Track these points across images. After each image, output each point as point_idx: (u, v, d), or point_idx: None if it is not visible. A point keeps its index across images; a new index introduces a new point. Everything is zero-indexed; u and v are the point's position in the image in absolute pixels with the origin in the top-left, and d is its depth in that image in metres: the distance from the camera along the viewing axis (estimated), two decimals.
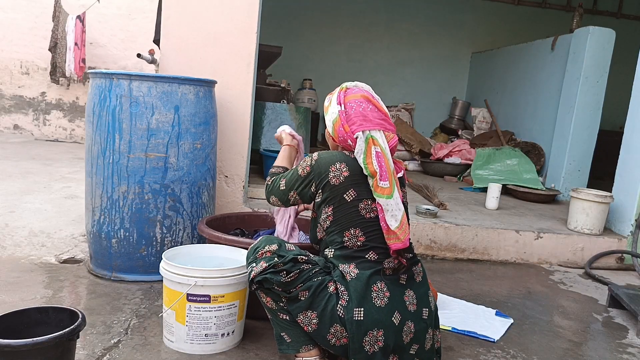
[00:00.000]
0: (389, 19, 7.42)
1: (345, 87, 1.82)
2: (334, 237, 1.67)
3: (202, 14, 2.93)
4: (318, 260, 1.67)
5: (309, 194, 1.73)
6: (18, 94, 7.29)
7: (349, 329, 1.54)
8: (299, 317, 1.59)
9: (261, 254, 1.65)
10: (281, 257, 1.61)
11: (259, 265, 1.61)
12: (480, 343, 2.13)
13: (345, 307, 1.55)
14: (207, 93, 2.51)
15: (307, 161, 1.74)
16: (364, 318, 1.54)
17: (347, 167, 1.67)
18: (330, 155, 1.71)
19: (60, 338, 1.38)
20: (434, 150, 6.06)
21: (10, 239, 2.82)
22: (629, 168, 3.57)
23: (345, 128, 1.70)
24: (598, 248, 3.45)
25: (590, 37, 4.64)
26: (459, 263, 3.28)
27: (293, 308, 1.59)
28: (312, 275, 1.60)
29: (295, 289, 1.58)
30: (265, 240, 1.71)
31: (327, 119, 1.80)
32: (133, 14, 7.34)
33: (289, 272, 1.58)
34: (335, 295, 1.58)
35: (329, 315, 1.56)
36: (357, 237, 1.63)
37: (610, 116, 5.85)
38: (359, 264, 1.61)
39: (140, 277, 2.41)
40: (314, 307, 1.57)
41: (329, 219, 1.68)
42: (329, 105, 1.81)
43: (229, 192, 3.10)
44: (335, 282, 1.60)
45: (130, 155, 2.32)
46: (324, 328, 1.57)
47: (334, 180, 1.66)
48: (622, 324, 2.51)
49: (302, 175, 1.73)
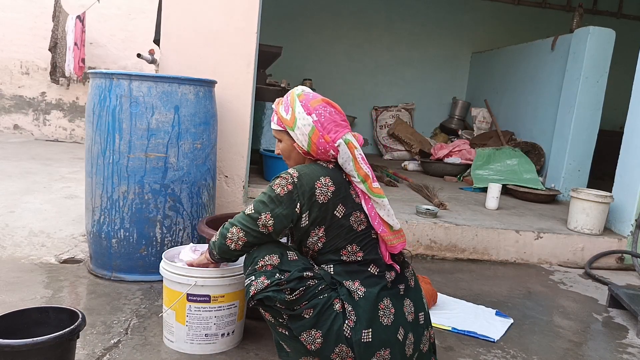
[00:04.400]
0: (389, 19, 7.43)
1: (300, 93, 1.65)
2: (328, 256, 1.56)
3: (202, 14, 2.93)
4: (324, 275, 1.54)
5: (289, 217, 1.52)
6: (18, 94, 7.28)
7: (356, 351, 1.47)
8: (302, 336, 1.48)
9: (261, 266, 1.51)
10: (283, 272, 1.49)
11: (259, 281, 1.48)
12: (480, 343, 2.13)
13: (353, 328, 1.47)
14: (207, 93, 2.51)
15: (284, 179, 1.53)
16: (372, 339, 1.48)
17: (331, 181, 1.55)
18: (310, 170, 1.56)
19: (60, 338, 1.38)
20: (434, 150, 6.06)
21: (10, 239, 2.82)
22: (629, 168, 3.57)
23: (326, 138, 1.57)
24: (598, 248, 3.45)
25: (590, 37, 4.64)
26: (459, 263, 3.28)
27: (296, 326, 1.48)
28: (318, 292, 1.49)
29: (299, 306, 1.47)
30: (266, 249, 1.55)
31: (297, 134, 1.60)
32: (133, 14, 7.34)
33: (293, 290, 1.46)
34: (342, 315, 1.49)
35: (335, 335, 1.47)
36: (355, 253, 1.55)
37: (610, 116, 5.85)
38: (364, 280, 1.54)
39: (140, 277, 2.41)
40: (318, 326, 1.47)
41: (320, 241, 1.55)
42: (292, 117, 1.60)
43: (229, 192, 3.10)
44: (341, 300, 1.50)
45: (130, 155, 2.32)
46: (328, 348, 1.48)
47: (321, 198, 1.52)
48: (622, 324, 2.51)
49: (282, 195, 1.51)
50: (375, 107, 7.42)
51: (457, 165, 5.65)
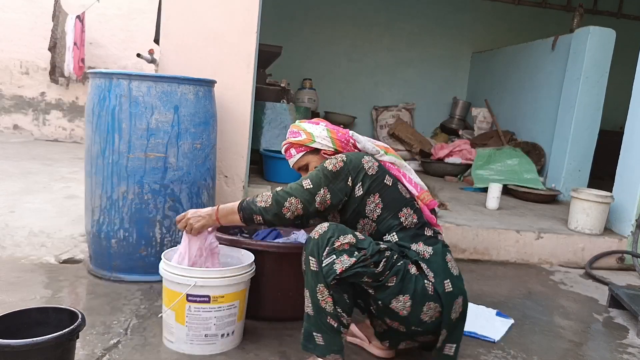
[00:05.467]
0: (389, 19, 7.42)
1: (297, 122, 1.93)
2: (389, 222, 1.70)
3: (202, 14, 2.93)
4: (392, 246, 1.66)
5: (344, 190, 1.69)
6: (18, 94, 7.28)
7: (444, 302, 1.62)
8: (392, 304, 1.61)
9: (339, 245, 1.57)
10: (360, 250, 1.57)
11: (343, 259, 1.55)
12: (480, 343, 2.13)
13: (434, 282, 1.63)
14: (206, 93, 2.50)
15: (336, 158, 1.72)
16: (453, 288, 1.65)
17: (373, 158, 1.75)
18: (356, 153, 1.76)
19: (60, 338, 1.38)
20: (434, 150, 6.06)
21: (10, 239, 2.82)
22: (629, 168, 3.57)
23: (341, 131, 1.85)
24: (598, 248, 3.44)
25: (590, 37, 4.64)
26: (459, 263, 3.22)
27: (384, 296, 1.60)
28: (395, 260, 1.62)
29: (384, 276, 1.59)
30: (335, 228, 1.61)
31: (319, 141, 1.83)
32: (133, 14, 7.34)
33: (377, 263, 1.58)
34: (420, 275, 1.63)
35: (421, 294, 1.60)
36: (411, 215, 1.72)
37: (610, 116, 5.84)
38: (425, 241, 1.71)
39: (140, 278, 2.41)
40: (405, 290, 1.60)
41: (378, 206, 1.70)
42: (308, 134, 1.84)
43: (228, 192, 3.10)
44: (415, 263, 1.65)
45: (129, 155, 2.31)
46: (417, 309, 1.61)
47: (370, 171, 1.70)
48: (622, 324, 2.51)
49: (335, 170, 1.69)
50: (375, 107, 7.42)
51: (458, 165, 5.65)
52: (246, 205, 1.74)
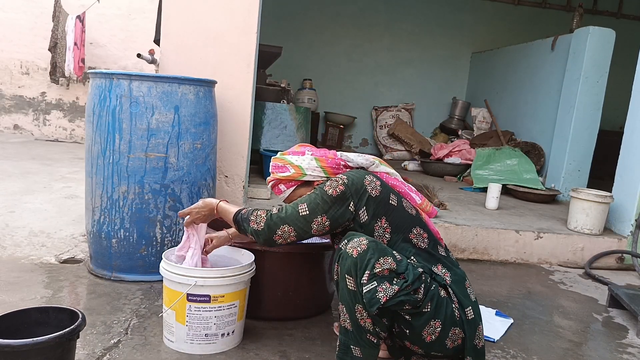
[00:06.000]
0: (389, 19, 7.43)
1: (278, 155, 1.83)
2: (401, 245, 1.60)
3: (202, 14, 2.93)
4: (423, 267, 1.59)
5: (345, 216, 1.58)
6: (18, 94, 7.29)
7: (467, 329, 1.57)
8: (424, 330, 1.52)
9: (380, 270, 1.47)
10: (398, 275, 1.48)
11: (386, 288, 1.45)
12: None
13: (459, 308, 1.58)
14: (207, 93, 2.51)
15: (336, 181, 1.60)
16: (474, 315, 1.60)
17: (374, 177, 1.66)
18: (355, 172, 1.66)
19: (60, 338, 1.38)
20: (434, 150, 6.06)
21: (10, 239, 2.82)
22: (629, 168, 3.57)
23: (328, 156, 1.75)
24: (598, 248, 3.45)
25: (590, 37, 4.64)
26: (459, 263, 3.27)
27: (420, 322, 1.52)
28: (429, 284, 1.54)
29: (422, 302, 1.51)
30: (375, 247, 1.49)
31: (309, 173, 1.73)
32: (133, 14, 7.34)
33: (416, 290, 1.49)
34: (449, 299, 1.57)
35: (450, 319, 1.55)
36: (421, 234, 1.64)
37: (610, 116, 5.85)
38: (444, 264, 1.65)
39: (140, 277, 2.41)
40: (437, 315, 1.53)
41: (387, 231, 1.60)
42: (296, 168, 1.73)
43: (229, 192, 3.10)
44: (443, 287, 1.59)
45: (130, 155, 2.32)
46: (444, 334, 1.54)
47: (374, 192, 1.60)
48: (622, 324, 2.51)
49: (335, 195, 1.57)
50: (375, 107, 7.42)
51: (457, 165, 5.65)
52: (240, 220, 1.69)
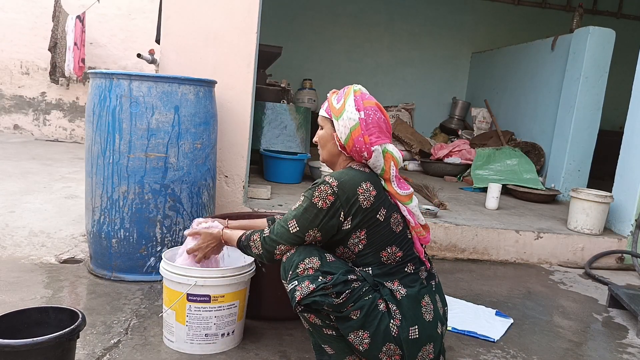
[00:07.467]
0: (389, 19, 7.43)
1: (358, 90, 1.66)
2: (369, 258, 1.58)
3: (202, 14, 2.93)
4: (366, 277, 1.55)
5: (336, 226, 1.55)
6: (18, 94, 7.29)
7: (405, 349, 1.51)
8: (350, 337, 1.50)
9: (302, 270, 1.51)
10: (325, 275, 1.49)
11: (304, 286, 1.48)
12: (480, 343, 2.13)
13: (399, 326, 1.51)
14: (207, 93, 2.51)
15: (324, 190, 1.54)
16: (419, 335, 1.52)
17: (372, 185, 1.58)
18: (350, 177, 1.56)
19: (60, 338, 1.38)
20: (434, 150, 6.06)
21: (10, 239, 2.82)
22: (629, 168, 3.57)
23: (365, 139, 1.58)
24: (598, 248, 3.45)
25: (590, 37, 4.64)
26: (459, 263, 3.28)
27: (344, 327, 1.50)
28: (363, 294, 1.50)
29: (346, 309, 1.48)
30: (304, 252, 1.55)
31: (340, 125, 1.61)
32: (133, 14, 7.35)
33: (339, 293, 1.46)
34: (387, 314, 1.52)
35: (382, 334, 1.50)
36: (395, 253, 1.58)
37: (610, 116, 5.86)
38: (402, 279, 1.58)
39: (140, 277, 2.41)
40: (366, 327, 1.49)
41: (362, 242, 1.57)
42: (341, 108, 1.62)
43: (229, 192, 3.10)
44: (385, 301, 1.53)
45: (130, 155, 2.32)
46: (376, 348, 1.50)
47: (365, 204, 1.54)
48: (622, 324, 2.51)
49: (325, 208, 1.53)
50: None
51: (457, 165, 5.65)
52: (243, 247, 1.71)
